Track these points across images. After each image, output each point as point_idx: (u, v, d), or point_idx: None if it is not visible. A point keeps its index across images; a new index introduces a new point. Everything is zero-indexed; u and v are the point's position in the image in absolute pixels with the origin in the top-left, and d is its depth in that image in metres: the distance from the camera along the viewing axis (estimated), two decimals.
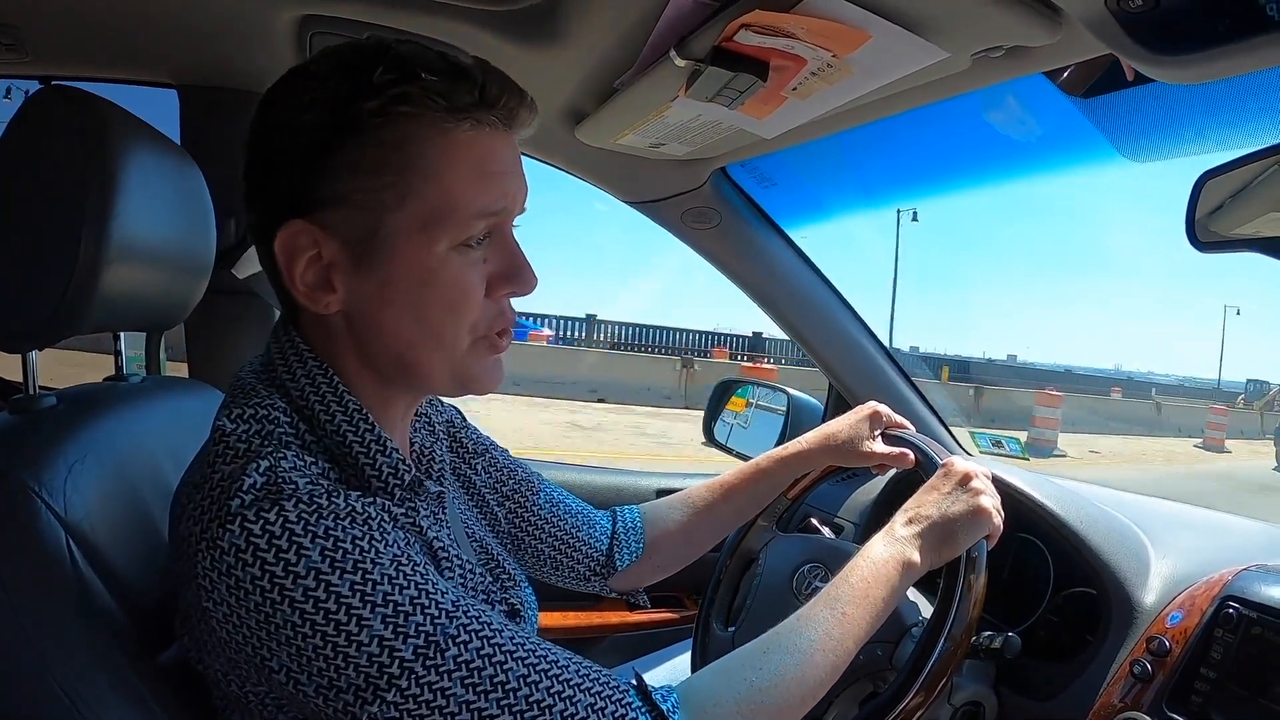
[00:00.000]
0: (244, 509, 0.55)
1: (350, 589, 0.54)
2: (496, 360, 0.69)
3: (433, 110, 0.60)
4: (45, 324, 0.71)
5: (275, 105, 0.63)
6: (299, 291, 0.63)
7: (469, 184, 0.62)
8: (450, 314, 0.64)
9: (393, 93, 0.59)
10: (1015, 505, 1.10)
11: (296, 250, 0.62)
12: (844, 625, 0.75)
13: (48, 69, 1.28)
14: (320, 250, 0.62)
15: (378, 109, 0.59)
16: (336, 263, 0.63)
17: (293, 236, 0.62)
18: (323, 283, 0.63)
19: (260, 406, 0.63)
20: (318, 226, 0.62)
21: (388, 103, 0.59)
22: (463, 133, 0.62)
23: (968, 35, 0.77)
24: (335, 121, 0.60)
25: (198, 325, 1.31)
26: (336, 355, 0.67)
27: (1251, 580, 0.92)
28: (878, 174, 1.54)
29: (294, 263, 0.62)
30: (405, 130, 0.60)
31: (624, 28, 0.90)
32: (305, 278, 0.63)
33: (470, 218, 0.63)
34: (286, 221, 0.61)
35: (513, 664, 0.59)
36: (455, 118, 0.61)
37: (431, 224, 0.62)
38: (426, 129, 0.61)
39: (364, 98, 0.59)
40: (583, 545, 1.00)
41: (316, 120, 0.60)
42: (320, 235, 0.62)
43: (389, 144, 0.60)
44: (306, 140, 0.60)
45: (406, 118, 0.60)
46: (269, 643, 0.55)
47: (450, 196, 0.62)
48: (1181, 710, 0.86)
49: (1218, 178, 0.83)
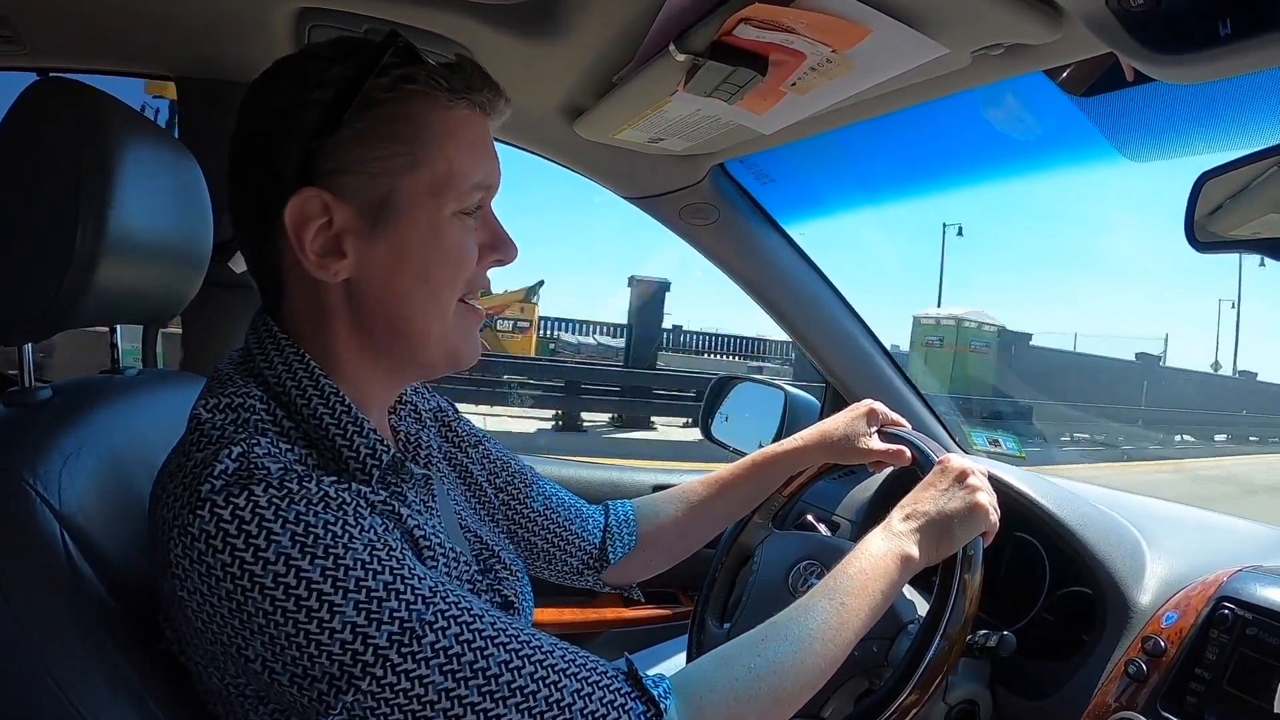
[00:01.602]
0: (214, 494, 0.54)
1: (322, 574, 0.54)
2: (476, 329, 0.73)
3: (435, 90, 0.66)
4: (41, 317, 0.71)
5: (272, 86, 0.66)
6: (309, 260, 0.64)
7: (468, 157, 0.67)
8: (451, 275, 0.68)
9: (400, 72, 0.64)
10: (1011, 504, 1.10)
11: (307, 217, 0.64)
12: (842, 615, 0.74)
13: (44, 61, 1.27)
14: (331, 217, 0.64)
15: (388, 85, 0.64)
16: (349, 228, 0.65)
17: (305, 203, 0.63)
18: (333, 250, 0.65)
19: (236, 395, 0.63)
20: (330, 193, 0.64)
21: (397, 80, 0.64)
22: (460, 112, 0.67)
23: (968, 32, 0.76)
24: (347, 96, 0.63)
25: (193, 318, 1.31)
26: (329, 330, 0.68)
27: (1247, 581, 0.92)
28: (876, 171, 1.54)
29: (304, 230, 0.64)
30: (413, 105, 0.65)
31: (623, 22, 0.90)
32: (315, 245, 0.64)
33: (470, 188, 0.68)
34: (298, 190, 0.63)
35: (494, 649, 0.58)
36: (454, 98, 0.67)
37: (439, 190, 0.66)
38: (431, 106, 0.66)
39: (374, 75, 0.64)
40: (575, 539, 1.00)
41: (328, 96, 0.63)
42: (333, 201, 0.64)
43: (399, 117, 0.65)
44: (318, 113, 0.63)
45: (414, 95, 0.65)
46: (242, 631, 0.54)
47: (454, 167, 0.66)
48: (1176, 710, 0.87)
49: (1217, 178, 0.84)
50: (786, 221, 1.53)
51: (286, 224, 0.63)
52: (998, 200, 60.78)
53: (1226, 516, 1.24)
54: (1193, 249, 0.87)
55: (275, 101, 0.65)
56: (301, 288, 0.67)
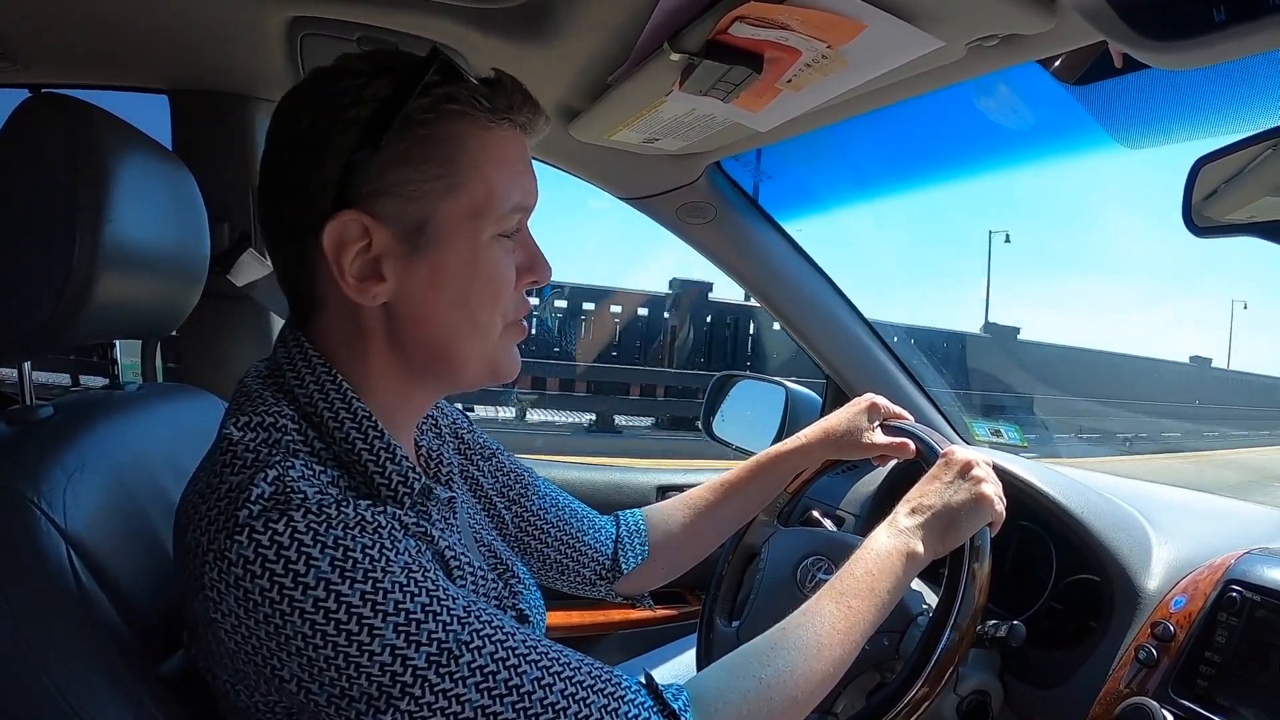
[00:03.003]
0: (252, 520, 0.54)
1: (361, 598, 0.54)
2: (516, 348, 0.72)
3: (477, 110, 0.64)
4: (40, 334, 0.70)
5: (307, 103, 0.64)
6: (348, 284, 0.63)
7: (506, 179, 0.66)
8: (491, 299, 0.67)
9: (442, 91, 0.63)
10: (1017, 493, 1.10)
11: (347, 241, 0.62)
12: (850, 618, 0.75)
13: (37, 77, 1.26)
14: (371, 240, 0.63)
15: (429, 105, 0.62)
16: (388, 252, 0.64)
17: (344, 226, 0.62)
18: (371, 273, 0.64)
19: (268, 414, 0.62)
20: (370, 216, 0.62)
21: (438, 100, 0.62)
22: (501, 133, 0.66)
23: (962, 24, 0.76)
24: (386, 117, 0.61)
25: (191, 330, 1.30)
26: (365, 352, 0.67)
27: (1254, 563, 0.92)
28: (872, 166, 1.54)
29: (344, 254, 0.63)
30: (453, 127, 0.64)
31: (617, 23, 0.90)
32: (354, 269, 0.63)
33: (509, 210, 0.66)
34: (337, 213, 0.62)
35: (526, 667, 0.59)
36: (495, 118, 0.65)
37: (478, 214, 0.65)
38: (471, 127, 0.64)
39: (416, 95, 0.62)
40: (588, 549, 0.99)
41: (366, 115, 0.61)
42: (372, 225, 0.63)
43: (438, 138, 0.63)
44: (356, 134, 0.61)
45: (454, 115, 0.63)
46: (279, 653, 0.54)
47: (492, 189, 0.65)
48: (1188, 694, 0.87)
49: (1213, 163, 0.84)
50: (783, 218, 1.53)
51: (325, 247, 0.62)
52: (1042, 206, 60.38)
53: (1231, 500, 1.25)
54: (1190, 234, 0.87)
55: (311, 119, 0.63)
56: (337, 308, 0.66)
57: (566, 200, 31.14)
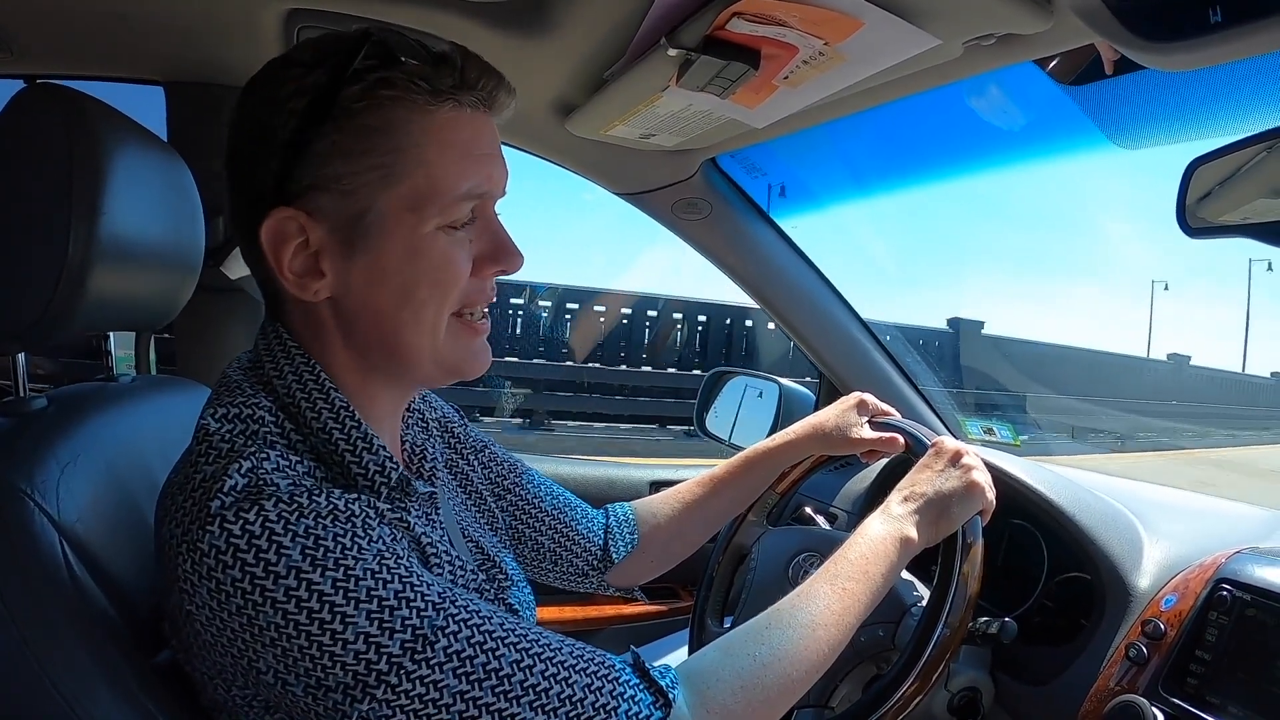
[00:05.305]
0: (224, 510, 0.54)
1: (333, 586, 0.54)
2: (481, 342, 0.70)
3: (415, 93, 0.61)
4: (34, 326, 0.70)
5: (256, 94, 0.63)
6: (288, 280, 0.63)
7: (453, 165, 0.63)
8: (436, 290, 0.64)
9: (375, 77, 0.60)
10: (1008, 491, 1.10)
11: (284, 238, 0.61)
12: (844, 600, 0.75)
13: (33, 67, 1.26)
14: (308, 237, 0.62)
15: (360, 93, 0.59)
16: (325, 248, 0.62)
17: (279, 224, 0.61)
18: (311, 269, 0.63)
19: (245, 405, 0.62)
20: (304, 213, 0.61)
21: (371, 86, 0.60)
22: (445, 115, 0.62)
23: (959, 23, 0.77)
24: (319, 108, 0.60)
25: (186, 323, 1.30)
26: (324, 347, 0.66)
27: (1244, 562, 0.93)
28: (868, 163, 1.54)
29: (281, 250, 0.62)
30: (389, 114, 0.60)
31: (615, 18, 0.90)
32: (293, 265, 0.62)
33: (456, 199, 0.63)
34: (272, 210, 0.61)
35: (505, 650, 0.58)
36: (438, 100, 0.62)
37: (419, 205, 0.62)
38: (410, 112, 0.61)
39: (347, 83, 0.59)
40: (580, 537, 1.00)
41: (299, 107, 0.60)
42: (307, 221, 0.61)
43: (374, 128, 0.60)
44: (290, 128, 0.60)
45: (390, 101, 0.60)
46: (254, 645, 0.54)
47: (436, 178, 0.62)
48: (1177, 692, 0.87)
49: (1207, 164, 0.84)
50: (779, 215, 1.53)
51: (263, 244, 0.61)
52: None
53: (1222, 500, 1.25)
54: (1184, 234, 0.87)
55: (255, 110, 0.62)
56: (295, 303, 0.65)
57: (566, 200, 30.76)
